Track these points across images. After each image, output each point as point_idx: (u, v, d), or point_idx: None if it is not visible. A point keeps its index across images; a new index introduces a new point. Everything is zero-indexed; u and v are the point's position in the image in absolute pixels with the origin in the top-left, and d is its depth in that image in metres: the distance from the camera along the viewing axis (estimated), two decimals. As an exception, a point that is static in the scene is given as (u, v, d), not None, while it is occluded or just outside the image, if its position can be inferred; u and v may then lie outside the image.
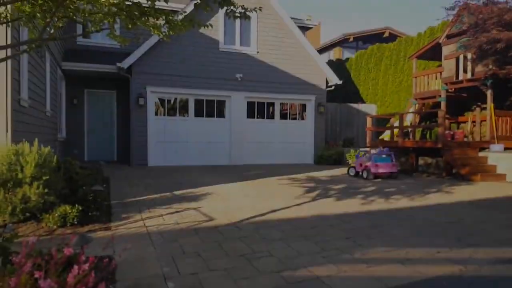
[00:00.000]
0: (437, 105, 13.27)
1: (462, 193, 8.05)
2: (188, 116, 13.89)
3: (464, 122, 13.34)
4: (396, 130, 12.80)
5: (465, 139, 12.51)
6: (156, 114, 13.47)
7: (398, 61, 16.47)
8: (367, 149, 11.53)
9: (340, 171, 12.20)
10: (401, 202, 6.88)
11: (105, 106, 14.71)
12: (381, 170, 10.15)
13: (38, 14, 3.87)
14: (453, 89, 12.58)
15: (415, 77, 13.90)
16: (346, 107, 17.28)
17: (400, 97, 16.25)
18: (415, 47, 15.47)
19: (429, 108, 14.02)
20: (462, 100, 13.19)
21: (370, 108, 17.44)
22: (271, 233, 4.71)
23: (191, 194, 7.47)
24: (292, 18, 15.01)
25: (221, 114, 14.34)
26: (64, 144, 13.10)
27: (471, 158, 10.71)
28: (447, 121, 12.69)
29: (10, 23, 4.35)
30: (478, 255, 3.96)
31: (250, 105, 14.67)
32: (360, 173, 10.51)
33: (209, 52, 13.78)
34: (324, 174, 11.32)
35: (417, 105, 14.04)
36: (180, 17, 4.54)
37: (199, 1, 4.15)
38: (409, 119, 14.10)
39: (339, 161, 14.48)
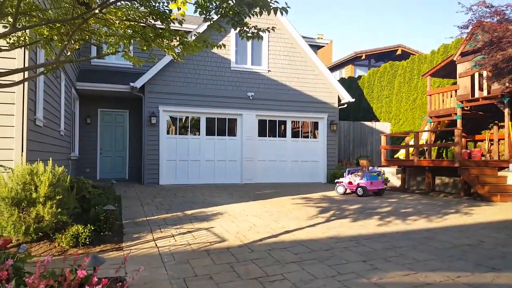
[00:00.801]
0: (453, 123, 13.09)
1: (482, 214, 7.82)
2: (199, 134, 13.93)
3: (481, 141, 13.09)
4: (411, 149, 12.62)
5: (483, 158, 12.25)
6: (168, 133, 13.55)
7: (412, 79, 16.37)
8: (356, 167, 11.75)
9: (354, 190, 12.02)
10: (419, 223, 6.70)
11: (118, 125, 14.87)
12: (374, 187, 10.66)
13: (55, 37, 3.94)
14: (469, 107, 12.40)
15: (430, 95, 13.76)
16: (360, 125, 17.16)
17: (414, 115, 16.09)
18: (428, 65, 15.38)
19: (445, 126, 13.82)
20: (479, 118, 12.98)
21: (384, 126, 17.29)
22: (285, 255, 4.60)
23: (202, 213, 7.40)
24: (304, 37, 15.11)
25: (232, 133, 14.35)
26: (77, 163, 13.22)
27: (490, 178, 10.45)
28: (463, 140, 12.47)
29: (28, 46, 4.43)
30: (501, 280, 3.79)
31: (262, 123, 14.67)
32: (354, 190, 10.78)
33: (220, 71, 13.91)
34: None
35: (432, 123, 13.86)
36: (193, 37, 4.58)
37: (212, 22, 4.18)
38: (424, 137, 13.91)
39: (352, 180, 14.28)
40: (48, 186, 5.04)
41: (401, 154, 14.27)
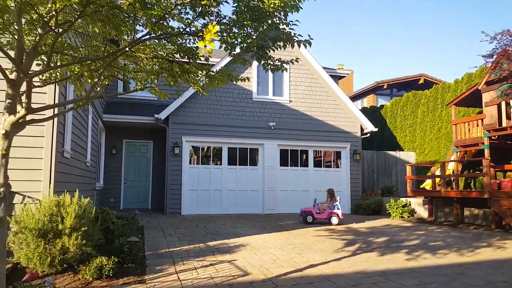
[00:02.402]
0: (480, 152, 12.73)
1: (516, 248, 7.44)
2: (221, 164, 13.99)
3: (511, 171, 12.64)
4: (438, 179, 12.27)
5: (514, 189, 11.77)
6: (190, 162, 13.66)
7: (436, 108, 16.14)
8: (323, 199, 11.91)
9: (380, 221, 11.70)
10: (449, 258, 6.42)
11: (142, 156, 15.11)
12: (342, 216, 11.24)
13: (85, 73, 4.10)
14: (496, 137, 12.07)
15: (455, 124, 13.49)
16: (384, 155, 16.89)
17: (439, 145, 15.75)
18: (452, 94, 15.18)
19: (472, 156, 13.45)
20: (507, 147, 12.59)
21: (408, 156, 16.97)
22: (310, 291, 4.45)
23: (224, 245, 7.31)
24: (324, 68, 15.24)
25: (254, 162, 14.36)
26: (102, 193, 13.40)
27: (522, 209, 9.99)
28: (492, 170, 12.06)
29: (59, 82, 4.61)
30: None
31: (283, 153, 14.64)
32: (325, 219, 11.09)
33: (242, 102, 14.09)
34: (363, 225, 10.88)
35: (458, 153, 13.51)
36: (217, 68, 4.67)
37: (237, 57, 4.27)
38: (450, 167, 13.54)
39: (378, 211, 13.95)
40: (74, 218, 5.11)
41: (427, 184, 13.90)
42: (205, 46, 2.67)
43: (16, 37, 3.56)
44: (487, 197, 10.23)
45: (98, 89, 4.19)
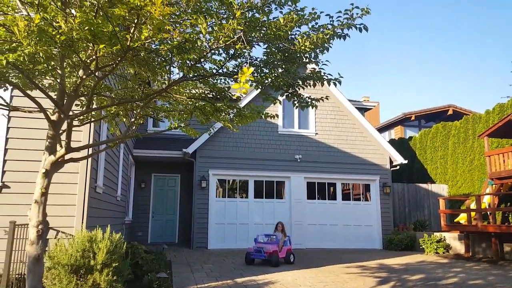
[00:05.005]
0: (517, 185, 12.21)
1: None
2: (247, 197, 13.94)
3: (552, 204, 12.02)
4: (473, 213, 11.78)
5: (556, 223, 11.15)
6: (217, 195, 13.69)
7: (467, 139, 15.72)
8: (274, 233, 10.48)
9: (414, 257, 11.23)
10: (491, 299, 6.05)
11: (170, 189, 15.27)
12: None
13: (121, 113, 4.27)
14: (533, 168, 11.59)
15: (489, 156, 13.06)
16: (415, 187, 16.42)
17: (473, 177, 15.21)
18: (484, 125, 14.78)
19: (508, 189, 12.90)
20: (546, 179, 12.04)
21: (440, 189, 16.43)
22: (345, 334, 4.26)
23: (253, 282, 7.16)
24: (350, 100, 15.25)
25: (280, 195, 14.24)
26: (130, 227, 13.53)
27: None
28: (531, 203, 11.52)
29: (94, 121, 4.80)
30: None
31: (310, 185, 14.47)
32: (284, 257, 9.68)
33: (268, 135, 14.18)
34: (396, 261, 10.46)
35: (494, 186, 13.00)
36: (244, 103, 4.76)
37: (267, 95, 4.35)
38: (486, 200, 13.01)
39: (411, 246, 13.42)
40: (105, 254, 5.15)
41: (462, 217, 13.35)
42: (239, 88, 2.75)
43: (58, 80, 3.76)
44: (529, 233, 9.70)
45: (134, 127, 4.36)
